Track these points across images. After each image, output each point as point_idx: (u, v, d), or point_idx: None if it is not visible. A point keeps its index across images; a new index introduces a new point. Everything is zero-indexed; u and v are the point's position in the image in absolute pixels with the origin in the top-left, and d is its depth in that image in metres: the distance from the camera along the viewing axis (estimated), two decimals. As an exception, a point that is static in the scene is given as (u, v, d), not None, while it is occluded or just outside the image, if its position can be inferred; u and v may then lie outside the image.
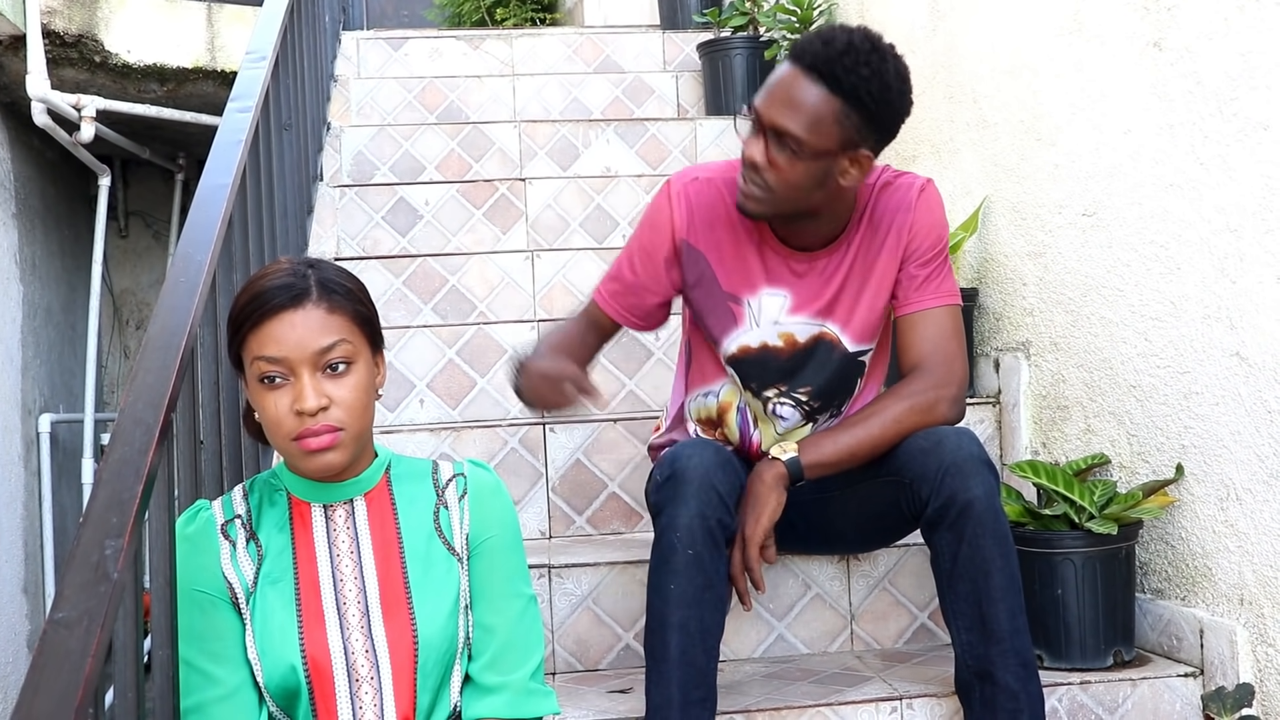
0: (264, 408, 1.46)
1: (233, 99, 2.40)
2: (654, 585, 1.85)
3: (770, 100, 1.86)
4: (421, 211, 3.56)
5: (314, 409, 1.44)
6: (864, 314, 2.03)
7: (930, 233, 2.02)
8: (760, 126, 1.88)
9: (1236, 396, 2.04)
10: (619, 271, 2.10)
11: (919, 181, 2.04)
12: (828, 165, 1.87)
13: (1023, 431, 2.68)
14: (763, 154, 1.87)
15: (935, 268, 2.02)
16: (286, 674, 1.46)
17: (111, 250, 5.61)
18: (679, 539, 1.82)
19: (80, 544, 1.21)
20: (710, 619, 1.83)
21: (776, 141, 1.86)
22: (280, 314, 1.46)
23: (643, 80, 4.40)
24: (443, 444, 2.66)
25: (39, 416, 4.86)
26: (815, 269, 2.02)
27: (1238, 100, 2.01)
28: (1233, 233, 2.03)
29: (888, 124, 1.88)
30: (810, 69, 1.83)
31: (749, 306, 2.04)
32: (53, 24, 4.33)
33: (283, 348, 1.45)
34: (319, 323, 1.46)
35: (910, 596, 2.37)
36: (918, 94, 1.97)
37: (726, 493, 1.85)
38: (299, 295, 1.47)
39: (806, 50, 1.84)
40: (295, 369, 1.45)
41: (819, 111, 1.82)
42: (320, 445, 1.45)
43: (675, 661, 1.81)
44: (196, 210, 1.94)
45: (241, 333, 1.48)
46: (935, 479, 1.86)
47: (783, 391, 2.08)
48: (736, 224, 2.03)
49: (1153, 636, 2.26)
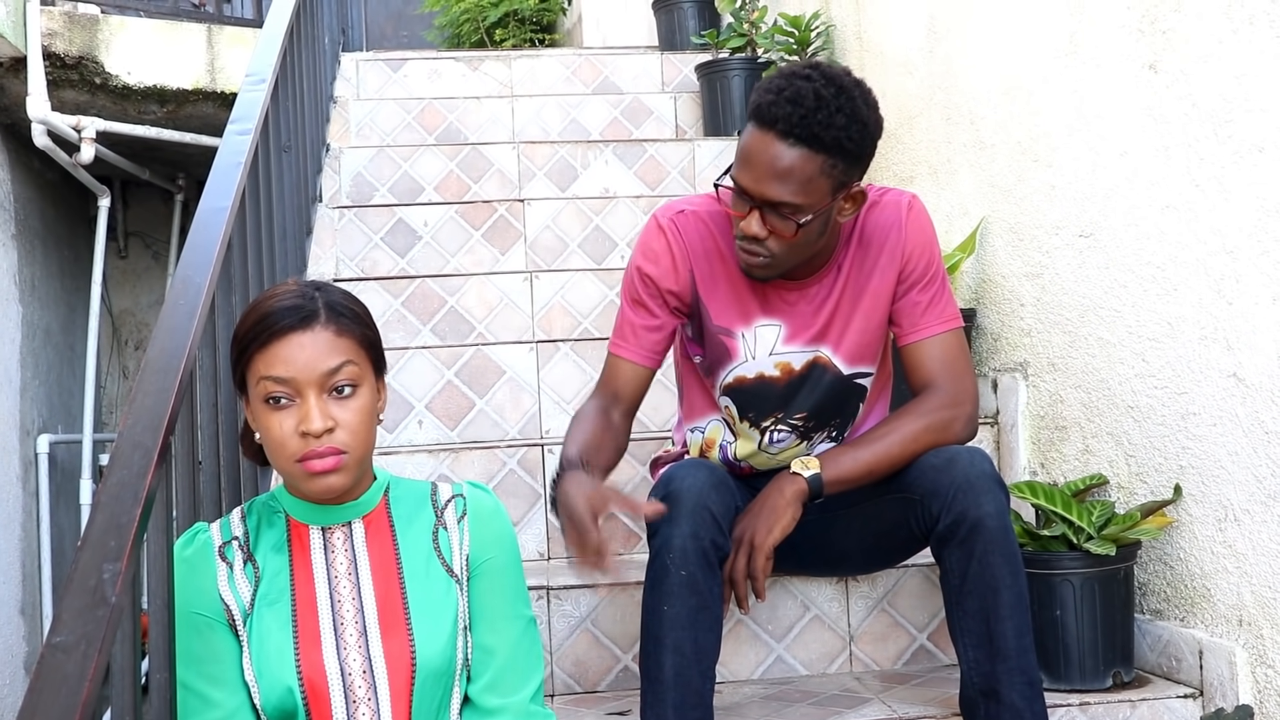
0: (268, 429, 1.46)
1: (232, 121, 2.41)
2: (648, 607, 1.85)
3: (755, 176, 1.83)
4: (420, 232, 3.57)
5: (320, 430, 1.45)
6: (856, 335, 2.03)
7: (925, 252, 2.02)
8: (748, 199, 1.86)
9: (1234, 417, 2.04)
10: (626, 318, 2.06)
11: (905, 199, 2.04)
12: (827, 214, 1.89)
13: (1021, 452, 2.68)
14: (761, 226, 1.86)
15: (936, 291, 2.02)
16: (283, 695, 1.46)
17: (111, 271, 5.62)
18: (673, 560, 1.82)
19: (78, 567, 1.21)
20: (705, 640, 1.83)
21: (772, 211, 1.85)
22: (288, 335, 1.46)
23: (641, 101, 4.42)
24: (441, 465, 2.66)
25: (37, 437, 4.86)
26: (806, 296, 2.02)
27: (1233, 122, 2.02)
28: (1229, 254, 2.04)
29: (870, 153, 1.89)
30: (786, 134, 1.79)
31: (743, 339, 2.04)
32: (53, 46, 4.35)
33: (290, 368, 1.45)
34: (327, 345, 1.47)
35: (909, 617, 2.36)
36: (915, 115, 1.98)
37: (720, 514, 1.85)
38: (308, 317, 1.47)
39: (777, 117, 1.79)
40: (302, 390, 1.45)
41: (807, 173, 1.81)
42: (324, 468, 1.46)
43: (670, 683, 1.80)
44: (196, 232, 1.94)
45: (248, 353, 1.48)
46: (947, 495, 1.86)
47: (779, 419, 2.08)
48: (726, 256, 2.02)
49: (1152, 657, 2.25)
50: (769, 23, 4.24)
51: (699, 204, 2.06)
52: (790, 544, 2.09)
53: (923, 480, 1.90)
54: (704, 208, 2.05)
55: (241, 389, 1.52)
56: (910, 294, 2.02)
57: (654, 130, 4.37)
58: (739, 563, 1.90)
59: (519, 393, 2.98)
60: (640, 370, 2.06)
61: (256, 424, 1.50)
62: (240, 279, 2.24)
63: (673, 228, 2.03)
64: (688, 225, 2.04)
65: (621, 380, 2.06)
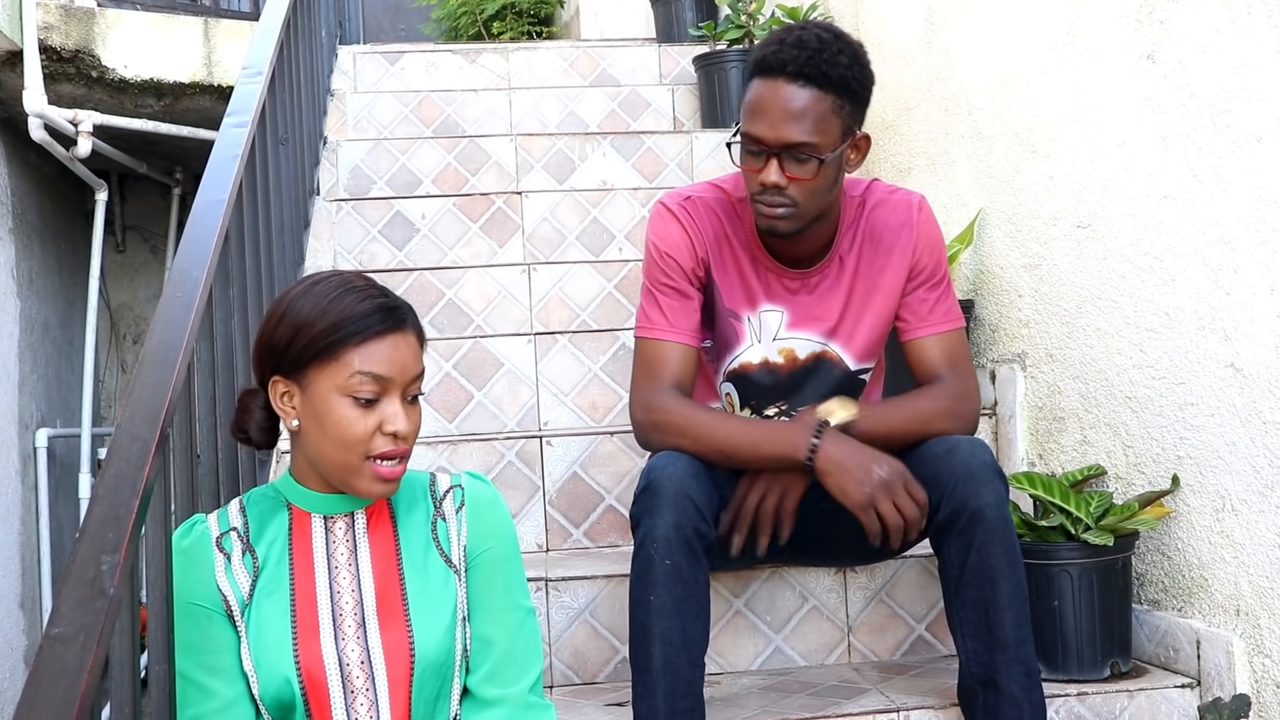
0: (348, 423, 1.46)
1: (229, 114, 2.41)
2: (635, 598, 1.85)
3: (770, 121, 1.87)
4: (418, 225, 3.56)
5: (408, 432, 1.47)
6: (867, 333, 2.06)
7: (934, 251, 2.06)
8: (764, 149, 1.89)
9: (1231, 408, 2.04)
10: (660, 304, 2.03)
11: (914, 198, 2.08)
12: (839, 160, 1.92)
13: (1019, 443, 2.68)
14: (779, 174, 1.88)
15: (943, 290, 2.06)
16: (281, 686, 1.46)
17: (109, 265, 5.62)
18: (657, 550, 1.82)
19: (76, 559, 1.21)
20: (692, 628, 1.83)
21: (789, 156, 1.88)
22: (389, 334, 1.48)
23: (639, 93, 4.41)
24: (440, 457, 2.66)
25: (36, 431, 4.86)
26: (808, 285, 2.04)
27: (1230, 112, 2.02)
28: (1227, 244, 2.04)
29: (868, 99, 1.95)
30: (796, 76, 1.86)
31: (749, 323, 2.05)
32: (50, 39, 4.34)
33: (390, 368, 1.47)
34: (413, 351, 1.50)
35: (908, 608, 2.37)
36: (912, 106, 2.00)
37: (703, 502, 1.85)
38: (403, 320, 1.50)
39: (785, 60, 1.86)
40: (390, 391, 1.47)
41: (819, 113, 1.86)
42: (395, 474, 1.49)
43: (659, 673, 1.81)
44: (193, 225, 1.94)
45: (341, 344, 1.46)
46: (947, 484, 1.87)
47: (782, 410, 2.09)
48: (733, 241, 2.05)
49: (1149, 647, 2.26)
50: (767, 14, 4.23)
51: (703, 190, 2.08)
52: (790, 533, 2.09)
53: (923, 468, 1.91)
54: (708, 194, 2.07)
55: (290, 373, 1.48)
56: (918, 291, 2.05)
57: (651, 122, 4.36)
58: (769, 500, 1.91)
59: (517, 385, 2.98)
60: (691, 351, 2.04)
61: (324, 416, 1.46)
62: (238, 272, 2.23)
63: (684, 211, 2.05)
64: (697, 209, 2.05)
65: (677, 364, 2.01)
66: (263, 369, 1.52)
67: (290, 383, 1.49)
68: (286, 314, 1.50)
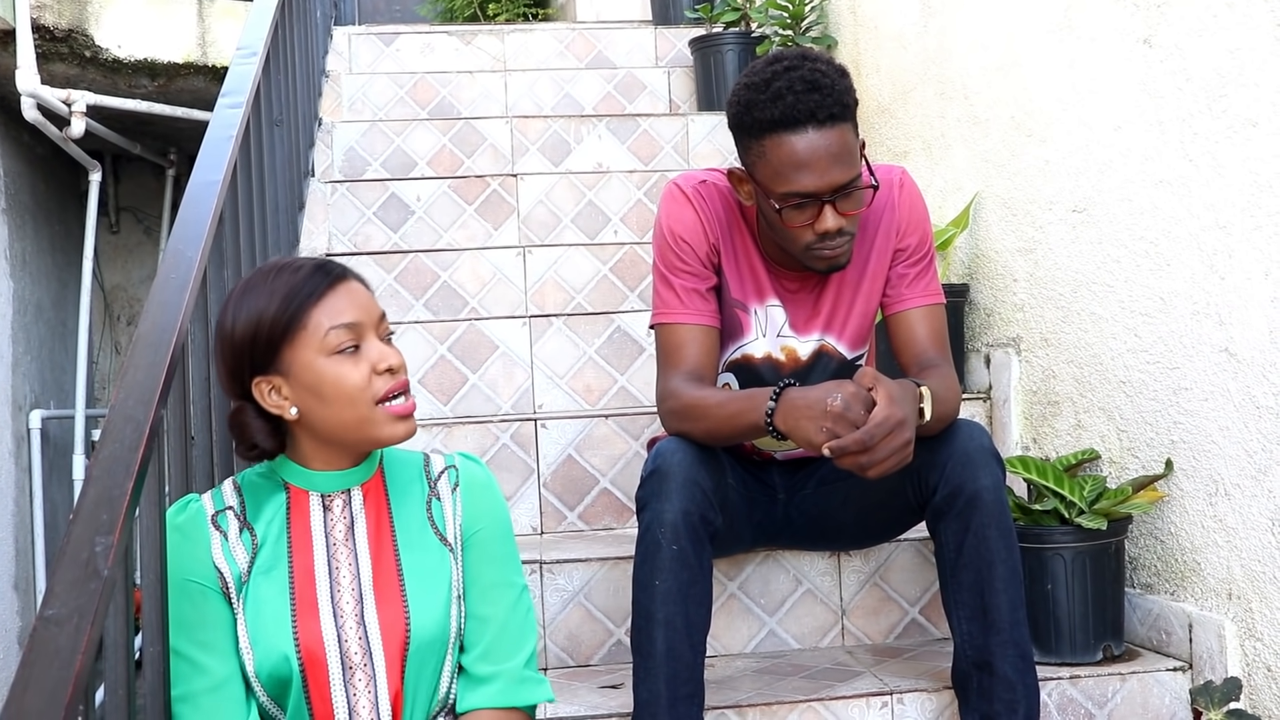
0: (344, 379, 1.47)
1: (224, 94, 2.40)
2: (639, 581, 1.85)
3: (818, 171, 1.81)
4: (413, 207, 3.56)
5: (400, 363, 1.51)
6: (858, 319, 2.06)
7: (918, 229, 2.05)
8: (815, 199, 1.84)
9: (1225, 392, 2.05)
10: (675, 287, 2.00)
11: (895, 175, 2.05)
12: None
13: (1013, 427, 2.68)
14: (836, 218, 1.86)
15: (925, 265, 2.05)
16: (279, 663, 1.47)
17: (102, 246, 5.60)
18: (664, 535, 1.82)
19: (70, 541, 1.21)
20: (696, 614, 1.84)
21: (842, 196, 1.86)
22: (338, 284, 1.51)
23: (635, 76, 4.40)
24: (434, 440, 2.66)
25: (30, 412, 4.86)
26: (806, 285, 2.04)
27: (1227, 97, 2.02)
28: (1222, 229, 2.04)
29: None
30: (825, 121, 1.80)
31: (756, 316, 2.05)
32: (42, 18, 4.32)
33: (356, 312, 1.50)
34: (366, 294, 1.54)
35: (901, 592, 2.37)
36: (909, 90, 1.99)
37: (710, 489, 1.85)
38: (344, 270, 1.54)
39: (811, 109, 1.79)
40: (365, 335, 1.50)
41: (849, 144, 1.84)
42: (408, 409, 1.52)
43: (662, 657, 1.81)
44: (187, 206, 1.93)
45: (302, 310, 1.47)
46: (944, 467, 1.87)
47: None
48: (744, 231, 2.04)
49: (1142, 631, 2.26)
50: (763, -3, 4.22)
51: (715, 177, 2.06)
52: (785, 517, 2.09)
53: (920, 450, 1.90)
54: (721, 181, 2.05)
55: (267, 367, 1.48)
56: (900, 266, 2.04)
57: (647, 105, 4.35)
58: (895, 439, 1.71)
59: (512, 368, 2.98)
60: (711, 332, 2.00)
61: (318, 385, 1.47)
62: (232, 253, 2.23)
63: (697, 196, 2.03)
64: (710, 195, 2.04)
65: (696, 347, 1.98)
66: (239, 381, 1.52)
67: (272, 376, 1.50)
68: (237, 319, 1.50)
